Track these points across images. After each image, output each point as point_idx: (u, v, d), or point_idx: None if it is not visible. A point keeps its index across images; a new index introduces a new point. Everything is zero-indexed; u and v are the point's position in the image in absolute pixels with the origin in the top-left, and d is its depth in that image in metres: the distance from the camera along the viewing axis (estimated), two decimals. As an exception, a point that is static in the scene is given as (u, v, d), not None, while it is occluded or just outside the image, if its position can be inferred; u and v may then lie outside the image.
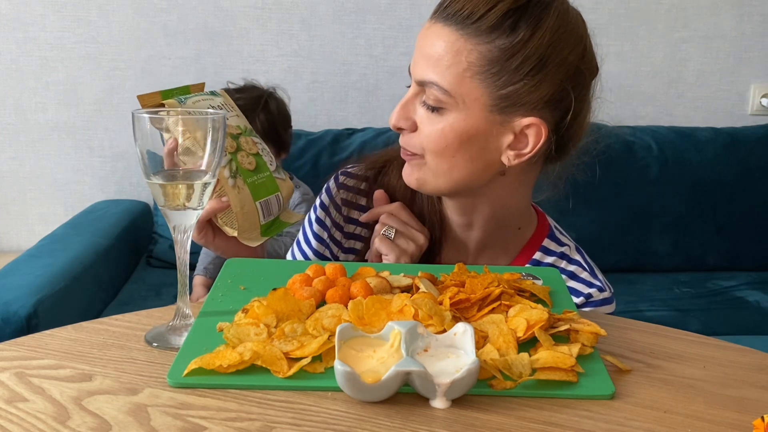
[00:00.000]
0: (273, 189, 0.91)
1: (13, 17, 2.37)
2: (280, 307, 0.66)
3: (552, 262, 1.00)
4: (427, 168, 0.90)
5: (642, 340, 0.71)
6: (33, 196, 2.51)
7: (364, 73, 2.50)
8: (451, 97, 0.84)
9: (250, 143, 0.91)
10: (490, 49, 0.83)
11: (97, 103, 2.45)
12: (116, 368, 0.61)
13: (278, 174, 0.93)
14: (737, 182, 2.42)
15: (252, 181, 0.89)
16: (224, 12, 2.42)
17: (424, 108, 0.87)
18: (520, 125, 0.86)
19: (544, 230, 1.03)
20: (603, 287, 0.99)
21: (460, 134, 0.86)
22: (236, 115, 0.92)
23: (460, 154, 0.87)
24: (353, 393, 0.56)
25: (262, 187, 0.90)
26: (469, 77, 0.84)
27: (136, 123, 0.64)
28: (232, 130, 0.90)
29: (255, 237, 0.91)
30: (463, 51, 0.83)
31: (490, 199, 0.95)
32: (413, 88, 0.88)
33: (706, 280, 2.34)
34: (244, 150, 0.90)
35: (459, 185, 0.90)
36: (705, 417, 0.57)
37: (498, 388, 0.58)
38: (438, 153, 0.87)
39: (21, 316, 1.56)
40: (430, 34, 0.86)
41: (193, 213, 0.67)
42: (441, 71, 0.84)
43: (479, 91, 0.84)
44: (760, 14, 2.57)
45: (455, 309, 0.68)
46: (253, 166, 0.89)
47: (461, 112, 0.85)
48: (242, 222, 0.89)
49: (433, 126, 0.86)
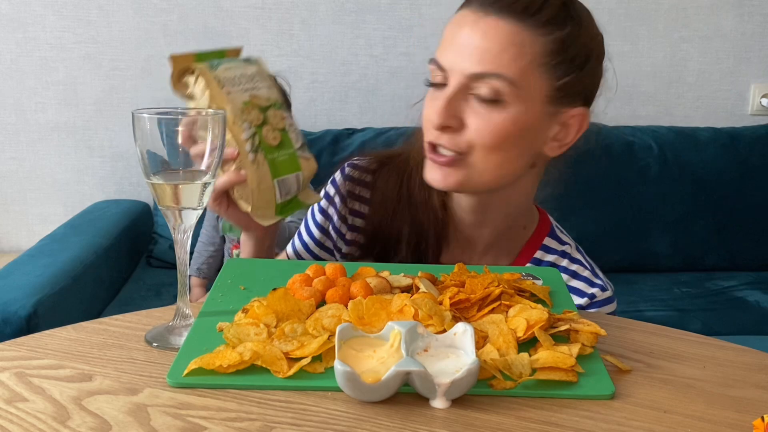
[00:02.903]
0: (294, 167, 0.86)
1: (13, 17, 2.37)
2: (280, 307, 0.66)
3: (553, 261, 1.00)
4: (470, 167, 0.87)
5: (642, 340, 0.71)
6: (33, 196, 2.51)
7: (364, 73, 2.50)
8: (517, 88, 0.83)
9: (278, 117, 0.86)
10: (549, 41, 0.84)
11: (97, 103, 2.45)
12: (116, 368, 0.61)
13: (303, 152, 0.88)
14: (737, 182, 2.42)
15: (273, 158, 0.84)
16: (224, 12, 2.42)
17: (476, 102, 0.85)
18: (568, 116, 0.88)
19: (545, 228, 1.02)
20: (605, 286, 0.98)
21: (520, 127, 0.85)
22: (268, 87, 0.87)
23: (514, 148, 0.87)
24: (353, 393, 0.56)
25: (283, 165, 0.85)
26: (532, 69, 0.84)
27: (136, 123, 0.64)
28: (262, 102, 0.85)
29: (269, 215, 0.87)
30: (526, 43, 0.83)
31: (509, 195, 0.94)
32: (457, 84, 0.85)
33: (706, 280, 2.34)
34: (271, 124, 0.85)
35: (502, 181, 0.90)
36: (705, 417, 0.57)
37: (498, 388, 0.58)
38: (491, 148, 0.85)
39: (21, 316, 1.56)
40: (483, 26, 0.84)
41: (193, 213, 0.67)
42: (505, 63, 0.83)
43: (540, 83, 0.85)
44: (760, 14, 2.57)
45: (455, 309, 0.68)
46: (277, 141, 0.85)
47: (522, 105, 0.85)
48: (257, 199, 0.85)
49: (489, 120, 0.84)
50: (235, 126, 0.82)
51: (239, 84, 0.84)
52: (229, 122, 0.81)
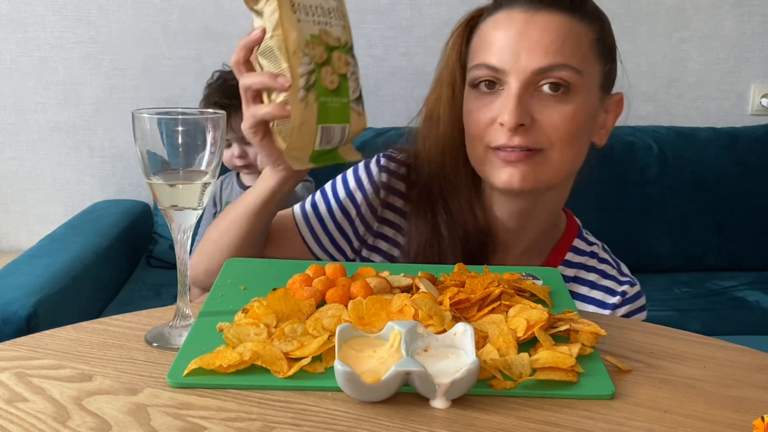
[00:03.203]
0: (343, 118, 0.80)
1: (13, 17, 2.37)
2: (280, 307, 0.66)
3: (583, 262, 1.00)
4: (548, 163, 0.87)
5: (642, 340, 0.71)
6: (33, 196, 2.51)
7: (364, 73, 2.47)
8: (582, 76, 0.86)
9: (342, 61, 0.80)
10: (595, 29, 0.89)
11: (97, 103, 2.45)
12: (116, 368, 0.61)
13: (356, 105, 0.82)
14: (737, 182, 2.42)
15: (324, 102, 0.78)
16: (224, 12, 2.42)
17: (544, 96, 0.86)
18: (611, 101, 0.94)
19: (573, 230, 1.02)
20: (633, 281, 1.00)
21: (585, 114, 0.88)
22: (342, 26, 0.81)
23: (583, 138, 0.90)
24: (353, 393, 0.56)
25: (333, 112, 0.79)
26: (590, 57, 0.88)
27: (136, 123, 0.64)
28: (331, 40, 0.79)
29: (302, 159, 0.81)
30: (581, 32, 0.87)
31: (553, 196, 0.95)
32: (522, 81, 0.85)
33: (706, 280, 2.34)
34: (333, 66, 0.79)
35: (568, 174, 0.92)
36: (705, 417, 0.57)
37: (498, 388, 0.58)
38: (567, 141, 0.87)
39: (21, 316, 1.56)
40: (538, 22, 0.86)
41: (193, 213, 0.67)
42: (569, 53, 0.85)
43: (595, 71, 0.89)
44: (760, 14, 2.57)
45: (455, 309, 0.68)
46: (334, 85, 0.79)
47: (585, 93, 0.88)
48: (295, 139, 0.78)
49: (560, 112, 0.86)
50: (295, 57, 0.76)
51: (314, 14, 0.79)
52: (289, 50, 0.76)
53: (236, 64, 0.80)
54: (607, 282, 0.98)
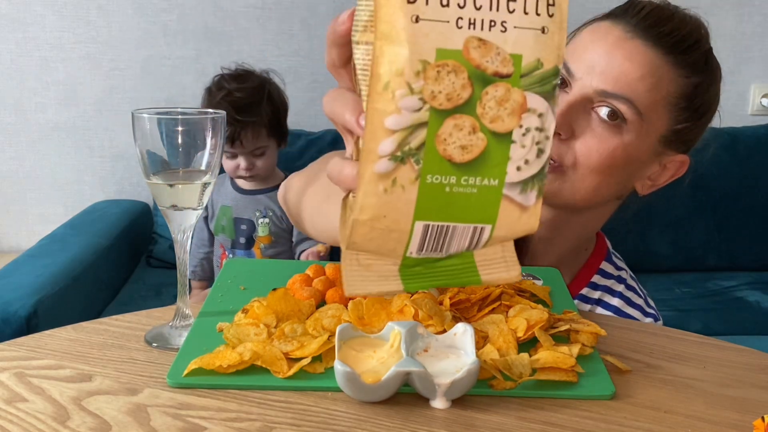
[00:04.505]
0: (483, 216, 0.44)
1: (13, 17, 2.37)
2: (280, 307, 0.66)
3: (610, 286, 0.97)
4: (568, 181, 0.84)
5: (642, 340, 0.71)
6: (33, 196, 2.51)
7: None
8: (641, 119, 0.81)
9: (512, 104, 0.42)
10: (686, 83, 0.83)
11: (97, 103, 2.45)
12: (116, 368, 0.61)
13: (519, 193, 0.44)
14: (737, 182, 2.42)
15: (435, 183, 0.42)
16: (224, 12, 2.42)
17: (595, 118, 0.82)
18: (670, 159, 0.88)
19: (602, 252, 1.00)
20: (657, 316, 0.97)
21: (627, 156, 0.83)
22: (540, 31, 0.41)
23: (614, 176, 0.84)
24: (353, 393, 0.56)
25: (456, 201, 0.43)
26: (661, 105, 0.83)
27: (136, 123, 0.64)
28: (492, 62, 0.41)
29: (386, 273, 0.48)
30: (665, 79, 0.82)
31: (587, 220, 0.92)
32: (582, 94, 0.82)
33: (706, 280, 2.34)
34: (476, 113, 0.41)
35: (590, 203, 0.87)
36: (705, 417, 0.57)
37: (498, 388, 0.58)
38: (595, 170, 0.83)
39: (21, 316, 1.56)
40: (629, 47, 0.81)
41: (192, 213, 0.67)
42: (639, 91, 0.81)
43: (662, 122, 0.84)
44: (760, 14, 2.57)
45: (455, 309, 0.68)
46: (467, 155, 0.42)
47: (639, 136, 0.83)
48: (359, 237, 0.45)
49: (604, 142, 0.82)
50: (388, 91, 0.41)
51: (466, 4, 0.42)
52: (390, 74, 0.41)
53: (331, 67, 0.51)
54: (631, 310, 0.96)
